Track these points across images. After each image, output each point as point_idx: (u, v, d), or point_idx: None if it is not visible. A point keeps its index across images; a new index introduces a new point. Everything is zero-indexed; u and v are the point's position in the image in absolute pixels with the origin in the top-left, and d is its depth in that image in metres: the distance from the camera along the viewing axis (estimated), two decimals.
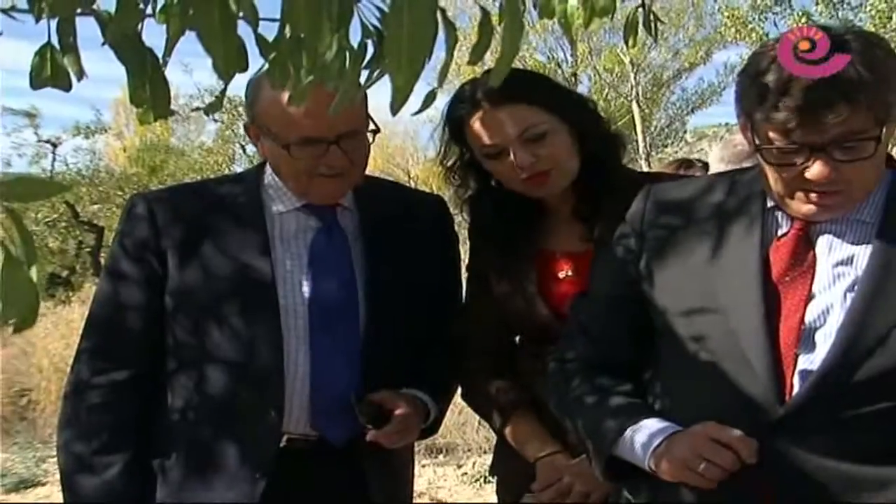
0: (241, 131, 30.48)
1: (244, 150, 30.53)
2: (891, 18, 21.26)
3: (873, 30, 22.21)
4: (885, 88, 2.21)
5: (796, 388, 2.34)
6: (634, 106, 30.56)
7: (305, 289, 2.92)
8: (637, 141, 31.23)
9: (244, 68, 1.51)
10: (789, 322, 2.34)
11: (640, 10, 2.53)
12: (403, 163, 28.53)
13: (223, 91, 1.64)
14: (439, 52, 1.43)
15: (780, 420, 2.32)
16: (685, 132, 38.46)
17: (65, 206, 18.87)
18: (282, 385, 2.88)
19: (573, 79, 31.16)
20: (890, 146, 2.37)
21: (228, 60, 1.45)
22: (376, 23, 1.51)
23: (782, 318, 2.34)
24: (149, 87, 1.59)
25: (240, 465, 2.89)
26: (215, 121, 29.76)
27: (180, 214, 2.96)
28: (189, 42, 1.52)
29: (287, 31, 1.40)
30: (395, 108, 1.41)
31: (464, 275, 3.32)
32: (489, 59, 1.67)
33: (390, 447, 2.97)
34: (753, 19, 24.81)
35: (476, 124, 2.97)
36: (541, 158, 2.92)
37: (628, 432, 2.36)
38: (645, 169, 25.75)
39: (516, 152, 2.89)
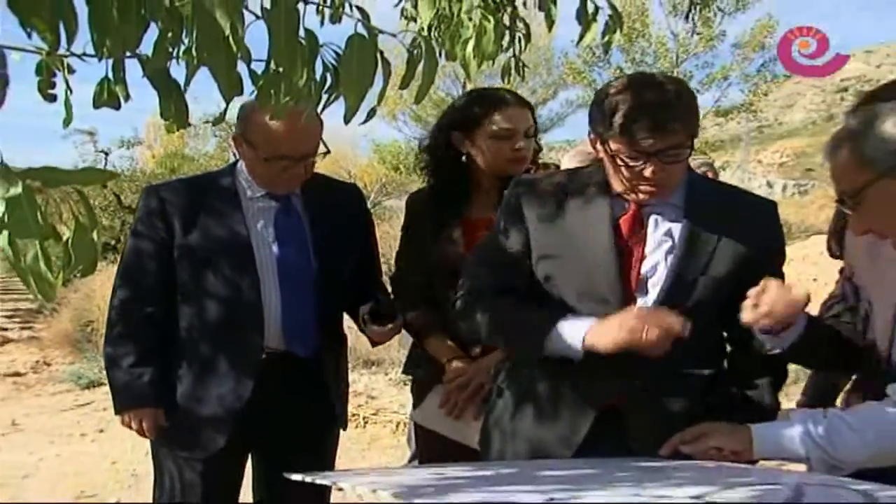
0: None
1: (235, 156, 30.38)
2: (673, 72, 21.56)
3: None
4: (695, 115, 2.30)
5: None
6: None
7: (274, 250, 2.95)
8: None
9: (241, 93, 1.51)
10: (631, 273, 2.36)
11: (513, 59, 2.53)
12: (346, 163, 28.33)
13: (225, 110, 1.63)
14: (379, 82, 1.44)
15: None
16: (542, 145, 38.51)
17: (113, 195, 19.13)
18: (261, 315, 2.91)
19: (372, 114, 31.12)
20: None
21: (230, 87, 1.45)
22: (333, 61, 1.52)
23: (626, 269, 2.36)
24: (173, 106, 1.59)
25: (233, 372, 2.93)
26: (215, 135, 29.76)
27: (181, 196, 3.00)
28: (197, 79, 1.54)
29: (272, 66, 1.38)
30: (348, 119, 1.44)
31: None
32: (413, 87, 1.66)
33: (381, 341, 3.20)
34: (584, 70, 25.08)
35: (500, 113, 3.10)
36: (527, 150, 3.13)
37: (554, 329, 2.31)
38: None
39: (521, 141, 3.09)
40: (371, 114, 1.68)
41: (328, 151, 2.95)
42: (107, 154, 26.06)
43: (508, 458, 2.50)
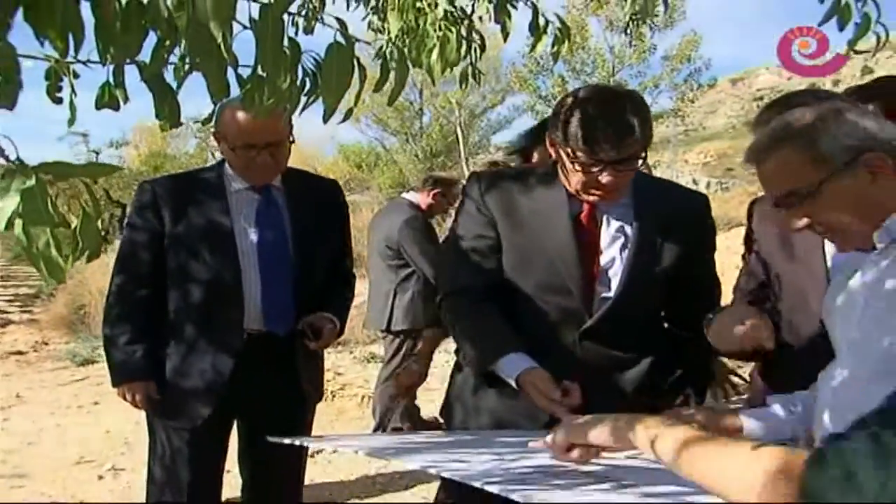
0: (213, 142, 30.26)
1: (213, 156, 30.25)
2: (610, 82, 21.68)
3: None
4: (649, 128, 2.25)
5: (596, 307, 2.37)
6: (458, 130, 30.51)
7: (254, 238, 2.95)
8: (461, 151, 31.24)
9: (228, 95, 1.51)
10: (591, 266, 2.36)
11: (470, 66, 2.54)
12: (313, 162, 28.25)
13: (213, 111, 1.63)
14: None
15: (588, 328, 2.36)
16: (490, 146, 38.59)
17: (103, 191, 19.04)
18: (241, 298, 2.93)
19: (420, 112, 31.07)
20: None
21: (220, 90, 1.45)
22: (312, 67, 1.52)
23: (586, 263, 2.35)
24: (167, 108, 1.59)
25: (215, 350, 2.95)
26: (196, 136, 29.55)
27: (171, 190, 3.01)
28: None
29: (259, 71, 1.38)
30: (326, 118, 1.45)
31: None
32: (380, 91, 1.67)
33: (320, 350, 3.14)
34: (530, 77, 25.15)
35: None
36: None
37: (499, 361, 2.27)
38: (465, 170, 25.81)
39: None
40: (348, 114, 1.68)
41: (293, 141, 2.96)
42: (97, 154, 25.93)
43: (472, 429, 2.47)
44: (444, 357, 8.74)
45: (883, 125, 1.70)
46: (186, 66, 1.58)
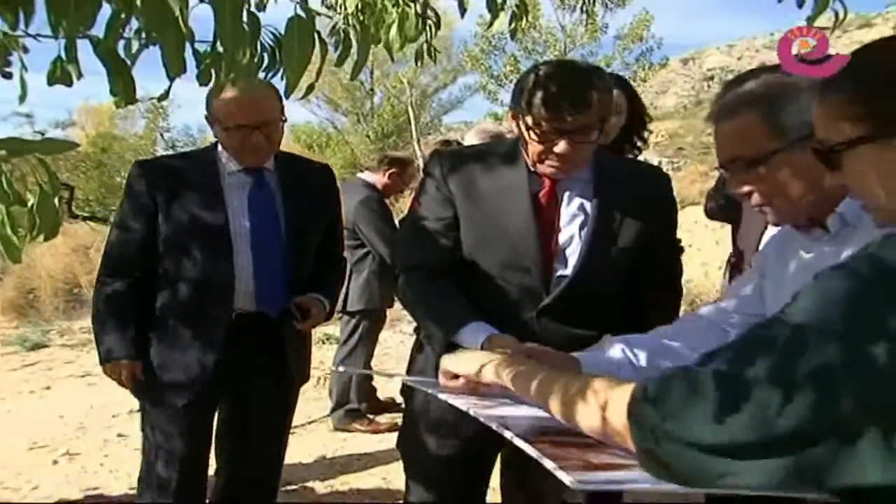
0: (162, 123, 29.96)
1: (162, 137, 29.98)
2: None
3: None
4: (608, 103, 2.29)
5: (554, 285, 2.37)
6: (410, 109, 30.45)
7: (246, 222, 2.96)
8: (412, 132, 31.19)
9: (184, 72, 1.47)
10: (550, 245, 2.37)
11: (426, 44, 2.52)
12: None
13: (169, 87, 1.59)
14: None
15: (546, 306, 2.37)
16: (441, 126, 38.60)
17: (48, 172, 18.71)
18: (232, 279, 2.94)
19: (371, 92, 31.00)
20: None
21: (177, 66, 1.41)
22: (270, 41, 1.50)
23: (545, 242, 2.36)
24: (122, 83, 1.55)
25: (201, 335, 2.97)
26: (143, 117, 29.26)
27: (164, 171, 3.02)
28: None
29: (218, 46, 1.36)
30: (288, 94, 1.42)
31: None
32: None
33: (307, 330, 3.18)
34: (482, 57, 25.17)
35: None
36: None
37: (459, 332, 2.26)
38: (417, 150, 25.79)
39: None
40: (309, 90, 1.66)
41: (285, 120, 2.96)
42: (43, 135, 25.38)
43: (434, 408, 2.47)
44: (399, 338, 8.78)
45: None
46: (142, 41, 1.55)
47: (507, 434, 1.41)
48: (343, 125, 31.24)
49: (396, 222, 5.62)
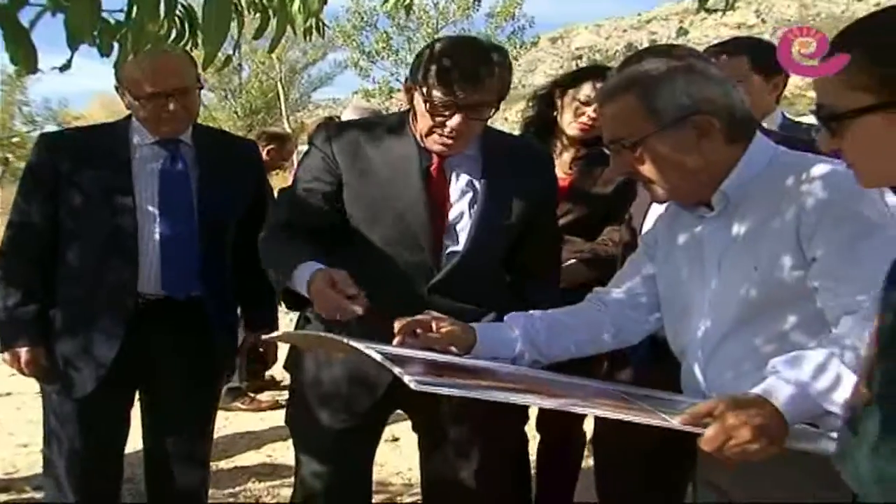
0: (20, 97, 28.69)
1: (20, 110, 28.93)
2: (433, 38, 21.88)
3: (424, 43, 23.08)
4: (506, 82, 2.30)
5: (444, 262, 2.38)
6: (279, 85, 30.13)
7: (155, 196, 2.79)
8: (281, 108, 30.83)
9: (90, 39, 1.45)
10: (440, 220, 2.37)
11: (314, 19, 2.52)
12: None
13: (71, 57, 1.56)
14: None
15: (437, 282, 2.37)
16: (310, 102, 38.31)
17: None
18: (136, 258, 2.77)
19: (238, 67, 30.53)
20: None
21: (88, 33, 1.40)
22: (180, 14, 1.50)
23: (435, 218, 2.37)
24: (22, 50, 1.52)
25: (108, 314, 2.79)
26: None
27: (71, 144, 2.86)
28: None
29: (133, 15, 1.35)
30: (205, 66, 1.42)
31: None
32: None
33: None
34: (354, 33, 25.06)
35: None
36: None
37: (294, 271, 2.22)
38: (287, 127, 25.49)
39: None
40: (227, 61, 1.66)
41: (202, 87, 2.85)
42: None
43: (324, 381, 2.46)
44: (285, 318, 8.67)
45: (729, 91, 1.80)
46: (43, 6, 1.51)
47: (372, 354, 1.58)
48: (210, 101, 30.62)
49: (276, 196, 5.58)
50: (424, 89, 2.25)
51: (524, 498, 3.39)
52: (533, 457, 3.47)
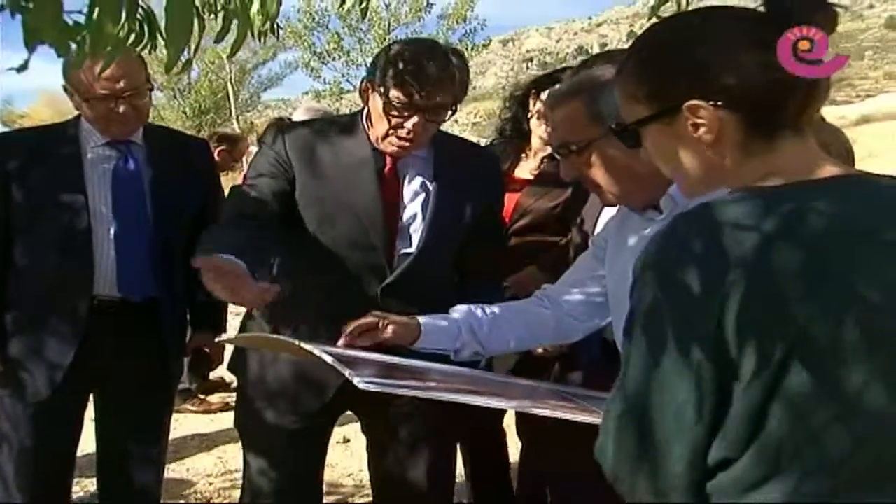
0: None
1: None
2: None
3: (376, 45, 23.21)
4: (463, 85, 2.33)
5: (397, 263, 2.39)
6: (229, 85, 29.92)
7: (108, 197, 2.75)
8: (231, 108, 30.64)
9: (42, 42, 1.45)
10: (393, 222, 2.38)
11: (269, 22, 2.54)
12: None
13: (28, 58, 1.56)
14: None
15: (389, 283, 2.37)
16: (260, 103, 38.15)
17: None
18: (91, 260, 2.73)
19: (189, 65, 30.28)
20: None
21: (50, 35, 1.40)
22: (140, 16, 1.51)
23: (389, 219, 2.38)
24: None
25: (62, 316, 2.74)
26: None
27: (20, 146, 2.79)
28: None
29: (95, 16, 1.35)
30: (169, 69, 1.43)
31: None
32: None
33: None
34: (305, 34, 24.99)
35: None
36: None
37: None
38: (236, 127, 25.33)
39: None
40: (187, 64, 1.67)
41: (152, 88, 2.81)
42: None
43: (270, 381, 2.46)
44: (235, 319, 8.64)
45: None
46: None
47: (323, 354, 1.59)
48: (158, 100, 30.32)
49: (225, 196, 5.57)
50: (383, 90, 2.26)
51: (505, 497, 3.45)
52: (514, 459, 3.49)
